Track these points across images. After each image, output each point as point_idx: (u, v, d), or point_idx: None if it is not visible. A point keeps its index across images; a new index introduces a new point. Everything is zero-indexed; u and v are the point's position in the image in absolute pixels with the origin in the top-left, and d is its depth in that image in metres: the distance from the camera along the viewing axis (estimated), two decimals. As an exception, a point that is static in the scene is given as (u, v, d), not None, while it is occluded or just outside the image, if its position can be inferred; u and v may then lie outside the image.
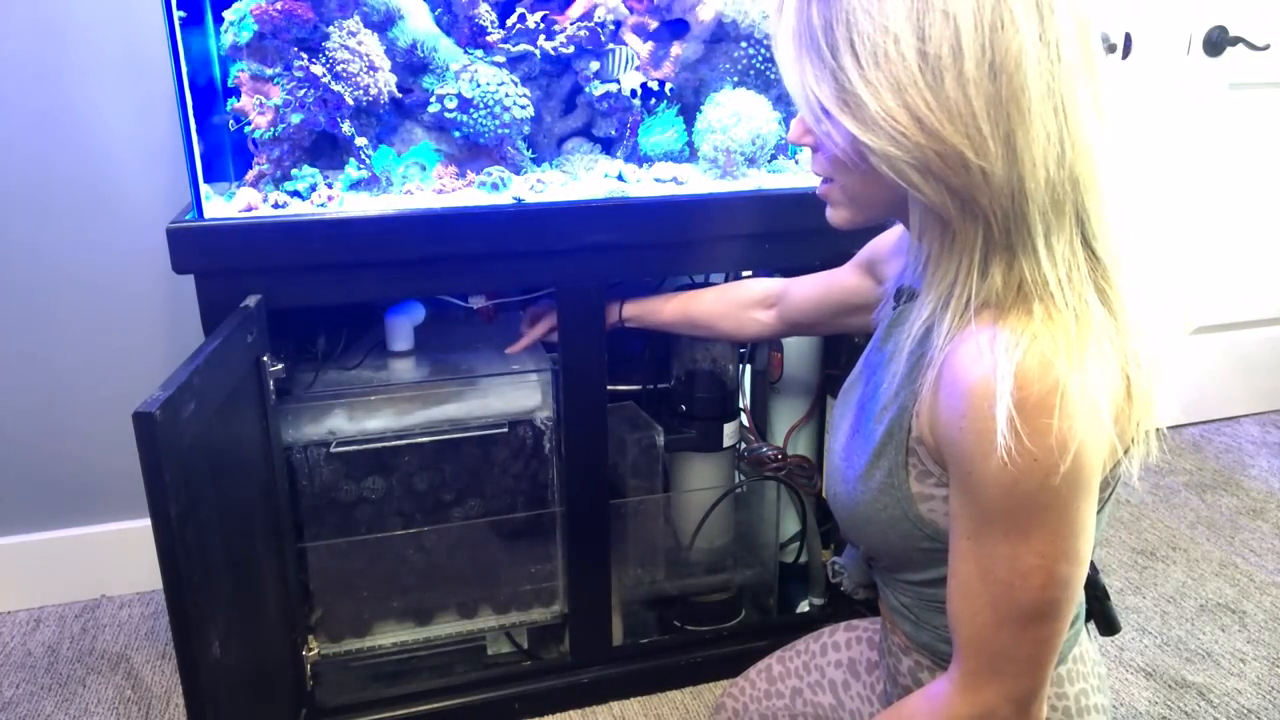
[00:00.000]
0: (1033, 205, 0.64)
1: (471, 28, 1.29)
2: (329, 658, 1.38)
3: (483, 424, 1.35)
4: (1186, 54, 2.06)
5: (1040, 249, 0.65)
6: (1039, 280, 0.65)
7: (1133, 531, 1.98)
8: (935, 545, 0.74)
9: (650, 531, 1.51)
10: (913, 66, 0.62)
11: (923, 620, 0.81)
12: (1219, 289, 2.32)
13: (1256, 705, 1.48)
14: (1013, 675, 0.69)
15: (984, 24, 0.61)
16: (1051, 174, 0.64)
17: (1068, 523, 0.64)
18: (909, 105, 0.63)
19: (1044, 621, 0.67)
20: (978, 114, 0.62)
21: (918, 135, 0.63)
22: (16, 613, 1.74)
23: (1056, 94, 0.63)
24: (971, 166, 0.63)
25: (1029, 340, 0.63)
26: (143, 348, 1.68)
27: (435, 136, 1.31)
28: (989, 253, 0.66)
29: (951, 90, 0.62)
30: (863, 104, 0.64)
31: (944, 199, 0.65)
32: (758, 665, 1.09)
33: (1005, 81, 0.62)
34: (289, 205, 1.19)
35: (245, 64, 1.21)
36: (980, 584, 0.67)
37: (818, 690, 1.00)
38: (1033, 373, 0.62)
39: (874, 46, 0.63)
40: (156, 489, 0.81)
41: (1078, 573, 0.66)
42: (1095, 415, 0.63)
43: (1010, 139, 0.63)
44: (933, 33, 0.62)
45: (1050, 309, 0.65)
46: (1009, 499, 0.64)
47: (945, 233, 0.67)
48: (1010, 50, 0.61)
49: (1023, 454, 0.62)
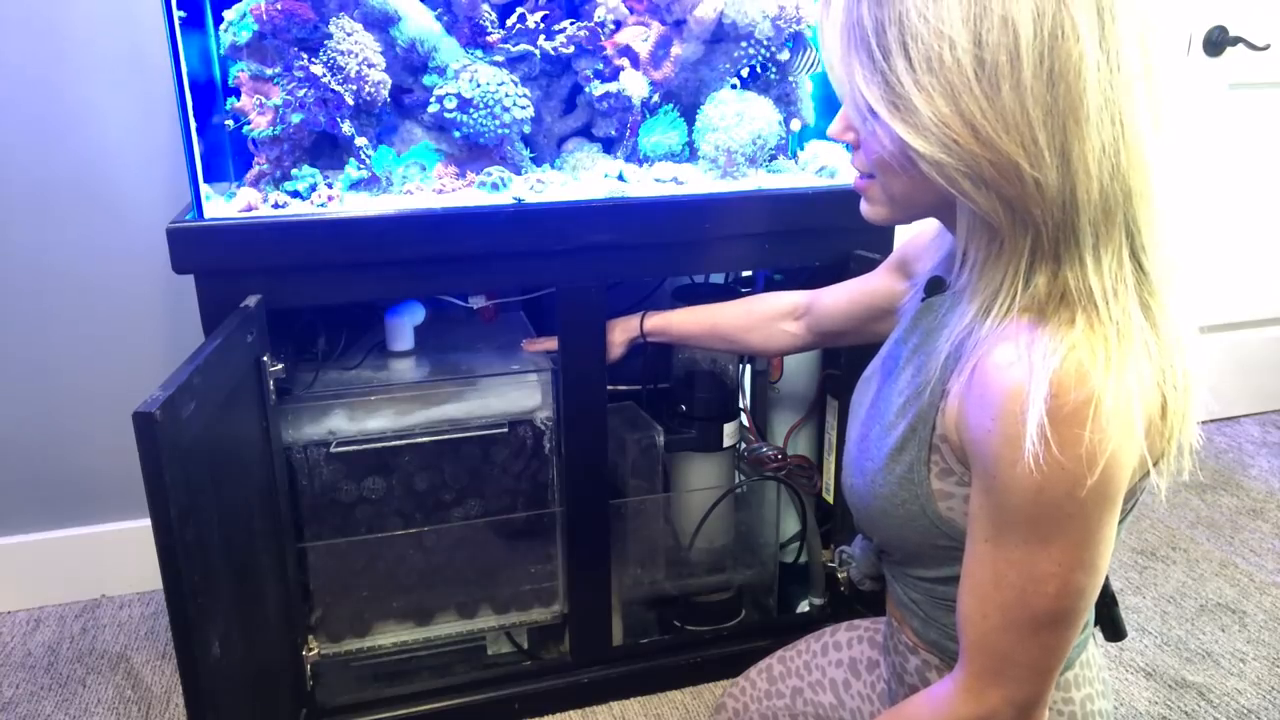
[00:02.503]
0: (1084, 217, 0.63)
1: (471, 28, 1.29)
2: (329, 658, 1.38)
3: (483, 424, 1.35)
4: (1186, 54, 2.06)
5: (1088, 260, 0.64)
6: (1084, 290, 0.64)
7: (1133, 531, 1.98)
8: (951, 544, 0.74)
9: (650, 531, 1.51)
10: (969, 73, 0.61)
11: (932, 617, 0.81)
12: (1219, 289, 2.32)
13: (1256, 705, 1.48)
14: (1017, 680, 0.68)
15: (1044, 31, 0.60)
16: (1105, 186, 0.62)
17: (1090, 534, 0.64)
18: (963, 113, 0.61)
19: (1054, 629, 0.66)
20: (1034, 124, 0.61)
21: (971, 143, 0.62)
22: (16, 613, 1.74)
23: (1115, 104, 0.61)
24: (1025, 177, 0.62)
25: (1067, 348, 0.62)
26: (143, 348, 1.68)
27: (435, 136, 1.31)
28: (1035, 261, 0.65)
29: (1008, 99, 0.61)
30: (915, 109, 0.62)
31: (995, 207, 0.64)
32: (758, 665, 1.09)
33: (1064, 91, 0.60)
34: (289, 205, 1.19)
35: (245, 64, 1.21)
36: (993, 587, 0.67)
37: (818, 690, 1.00)
38: (1069, 382, 0.61)
39: (928, 50, 0.61)
40: (156, 489, 0.81)
41: (1093, 583, 0.66)
42: (1128, 430, 0.62)
43: (1065, 150, 0.61)
44: (990, 39, 0.60)
45: (1093, 320, 0.64)
46: (1033, 506, 0.63)
47: (993, 240, 0.66)
48: (1070, 59, 0.60)
49: (1051, 463, 0.61)
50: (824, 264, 1.38)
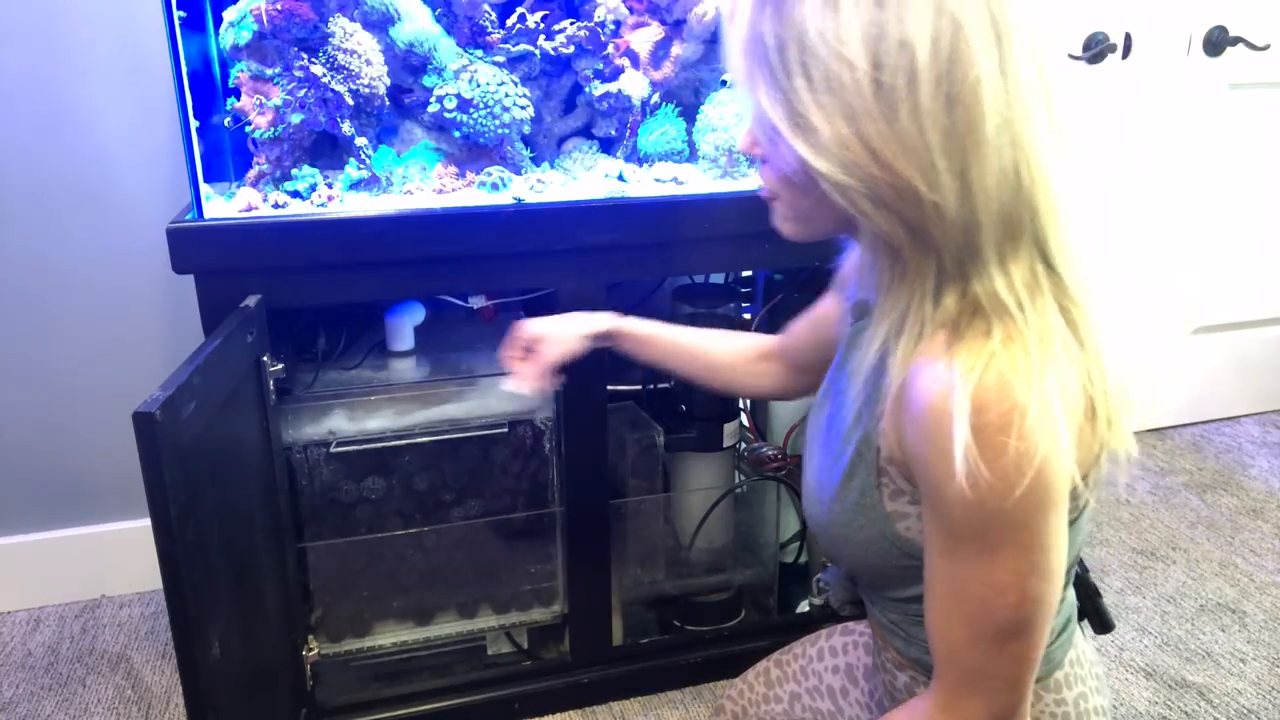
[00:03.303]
0: (986, 236, 0.63)
1: (471, 28, 1.29)
2: (329, 658, 1.38)
3: (483, 424, 1.35)
4: (1186, 54, 2.06)
5: (996, 275, 0.64)
6: (997, 303, 0.64)
7: (1133, 531, 1.98)
8: (915, 563, 0.74)
9: (650, 531, 1.51)
10: (867, 95, 0.60)
11: (912, 636, 0.81)
12: (1219, 289, 2.32)
13: (1256, 705, 1.48)
14: (992, 692, 0.68)
15: (941, 54, 0.59)
16: (1006, 206, 0.62)
17: (1037, 539, 0.64)
18: (862, 134, 0.61)
19: (1020, 638, 0.67)
20: (932, 147, 0.60)
21: (870, 165, 0.61)
22: (16, 613, 1.74)
23: (1013, 126, 0.61)
24: (924, 200, 0.61)
25: (986, 361, 0.62)
26: (143, 348, 1.68)
27: (435, 136, 1.31)
28: (941, 280, 0.65)
29: (906, 122, 0.60)
30: (815, 129, 0.62)
31: (896, 229, 0.63)
32: (755, 668, 1.09)
33: (961, 114, 0.60)
34: (289, 205, 1.19)
35: (245, 64, 1.21)
36: (954, 601, 0.67)
37: (816, 696, 1.00)
38: (991, 395, 0.61)
39: (827, 71, 0.61)
40: (156, 489, 0.81)
41: (1050, 589, 0.66)
42: (1056, 433, 0.62)
43: (964, 172, 0.61)
44: (888, 61, 0.59)
45: (1010, 330, 0.64)
46: (975, 519, 0.63)
47: (897, 261, 0.66)
48: (967, 82, 0.60)
49: (983, 475, 0.61)
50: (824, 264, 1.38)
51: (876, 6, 0.60)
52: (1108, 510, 2.06)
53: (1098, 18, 1.97)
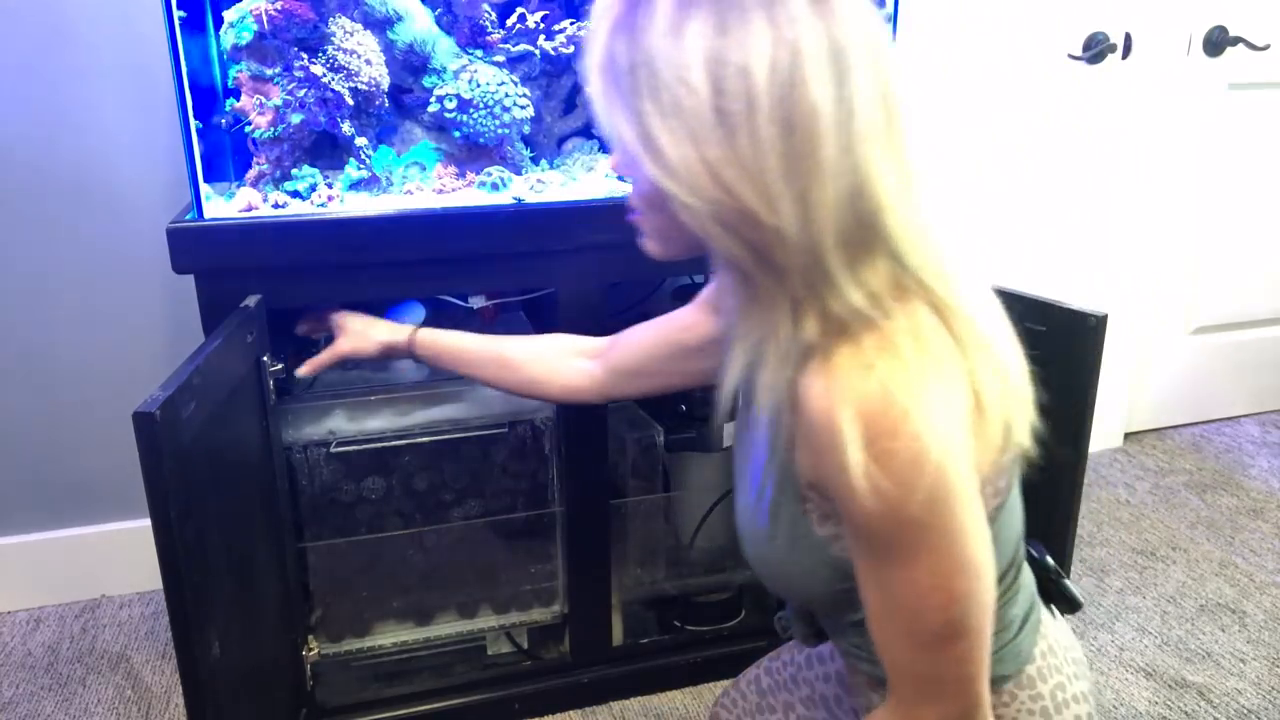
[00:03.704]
0: (833, 258, 0.63)
1: (471, 28, 1.29)
2: (329, 658, 1.38)
3: (483, 424, 1.35)
4: (1186, 54, 2.06)
5: (849, 290, 0.64)
6: (858, 316, 0.65)
7: (1133, 531, 1.98)
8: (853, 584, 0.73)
9: (650, 531, 1.51)
10: (708, 120, 0.61)
11: (876, 658, 0.81)
12: (1219, 289, 2.32)
13: (1256, 705, 1.49)
14: (945, 697, 0.69)
15: (779, 81, 0.60)
16: (850, 229, 0.63)
17: (951, 537, 0.64)
18: (705, 158, 0.62)
19: (959, 639, 0.67)
20: (770, 171, 0.61)
21: (712, 189, 0.62)
22: (16, 613, 1.74)
23: (853, 152, 0.62)
24: (765, 223, 0.62)
25: (863, 373, 0.63)
26: (143, 348, 1.68)
27: (435, 136, 1.31)
28: (796, 302, 0.65)
29: (745, 147, 0.61)
30: (662, 151, 0.63)
31: (742, 251, 0.64)
32: (745, 676, 1.08)
33: (799, 139, 0.61)
34: (289, 205, 1.19)
35: (245, 64, 1.21)
36: (888, 613, 0.68)
37: (811, 705, 1.00)
38: (874, 405, 0.62)
39: (673, 96, 0.62)
40: (156, 489, 0.81)
41: (978, 584, 0.66)
42: (946, 431, 0.63)
43: (804, 197, 0.62)
44: (728, 87, 0.61)
45: (882, 338, 0.65)
46: (885, 528, 0.64)
47: (749, 283, 0.67)
48: (803, 108, 0.60)
49: (881, 484, 0.62)
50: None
51: (718, 33, 0.61)
52: (1108, 510, 2.06)
53: (1098, 18, 1.97)
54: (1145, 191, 2.14)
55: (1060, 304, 1.11)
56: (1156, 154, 2.12)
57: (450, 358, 1.17)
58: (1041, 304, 1.12)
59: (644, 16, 0.63)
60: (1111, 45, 1.98)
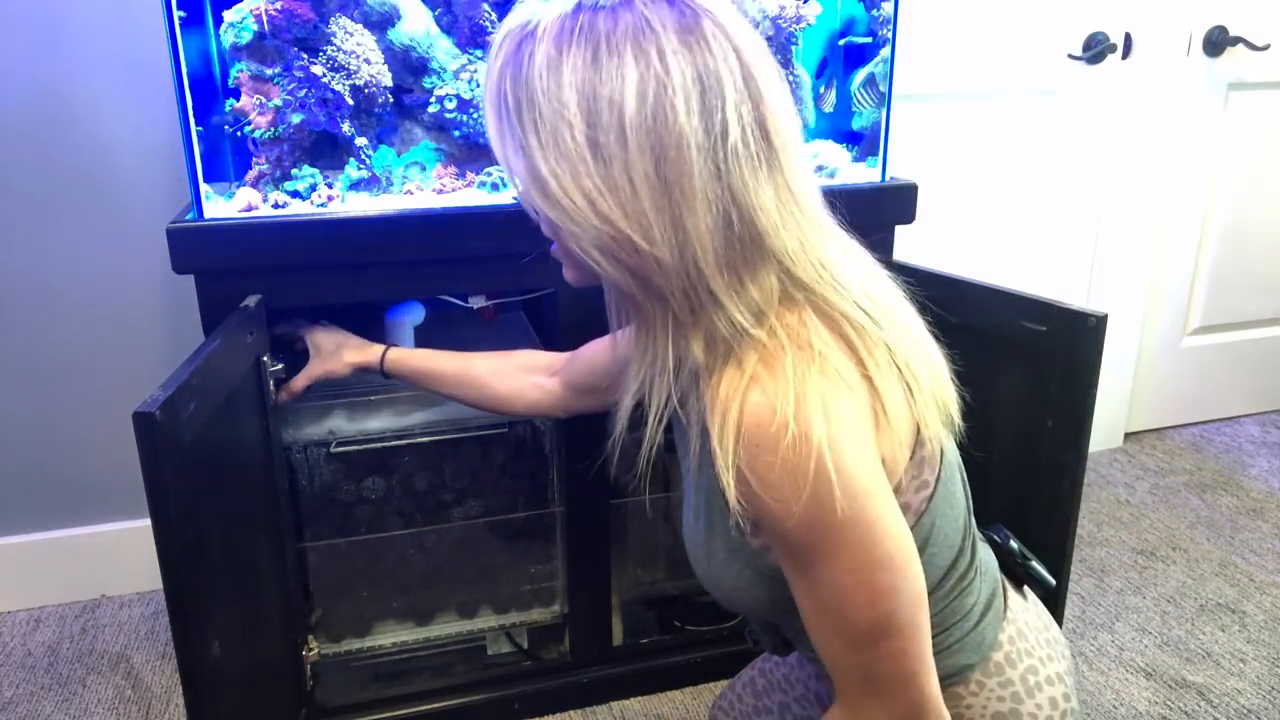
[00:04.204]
0: (714, 283, 0.66)
1: (471, 28, 1.29)
2: (329, 658, 1.38)
3: (482, 424, 1.35)
4: (1186, 54, 2.06)
5: (731, 308, 0.67)
6: (738, 333, 0.67)
7: (1133, 531, 1.98)
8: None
9: (650, 531, 1.51)
10: (585, 152, 0.64)
11: None
12: (1219, 289, 2.32)
13: (1256, 705, 1.49)
14: (888, 694, 0.69)
15: (647, 112, 0.63)
16: (726, 253, 0.65)
17: (866, 535, 0.65)
18: (583, 189, 0.64)
19: (890, 636, 0.67)
20: (643, 199, 0.64)
21: (591, 218, 0.65)
22: (16, 613, 1.74)
23: (727, 175, 0.64)
24: (642, 251, 0.65)
25: (745, 387, 0.65)
26: (143, 348, 1.68)
27: (435, 136, 1.31)
28: (680, 324, 0.68)
29: (619, 177, 0.64)
30: (546, 182, 0.65)
31: (625, 277, 0.67)
32: (740, 678, 1.08)
33: (670, 168, 0.63)
34: (289, 205, 1.19)
35: (245, 64, 1.21)
36: (819, 615, 0.69)
37: (806, 704, 1.00)
38: (759, 417, 0.64)
39: (553, 129, 0.64)
40: (156, 489, 0.81)
41: (899, 578, 0.67)
42: (835, 432, 0.64)
43: (679, 223, 0.64)
44: (600, 120, 0.63)
45: (765, 352, 0.67)
46: (799, 533, 0.65)
47: (637, 309, 0.70)
48: (672, 138, 0.63)
49: (781, 493, 0.64)
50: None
51: (591, 68, 0.63)
52: (1108, 510, 2.06)
53: (1098, 18, 1.97)
54: (1145, 191, 2.14)
55: (1060, 304, 1.10)
56: (1156, 154, 2.12)
57: (420, 376, 1.19)
58: (1041, 304, 1.12)
59: (527, 54, 0.65)
60: (1111, 45, 1.98)
